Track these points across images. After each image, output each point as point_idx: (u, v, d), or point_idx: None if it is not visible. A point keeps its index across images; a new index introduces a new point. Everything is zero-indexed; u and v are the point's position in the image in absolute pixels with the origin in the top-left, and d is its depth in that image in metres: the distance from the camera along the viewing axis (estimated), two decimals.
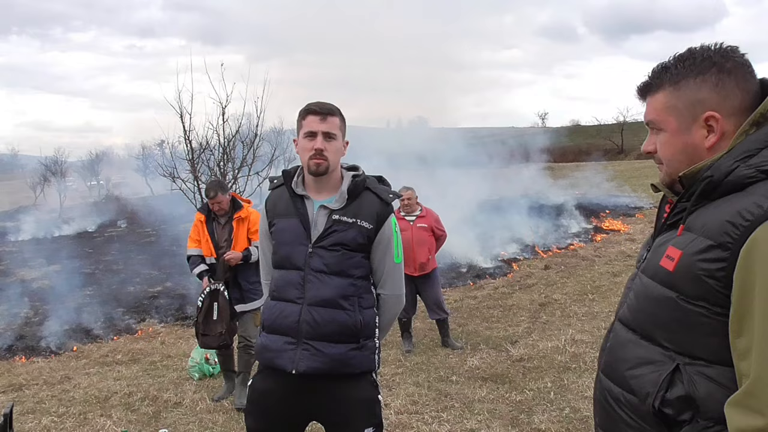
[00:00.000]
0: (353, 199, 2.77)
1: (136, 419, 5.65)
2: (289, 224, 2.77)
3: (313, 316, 2.67)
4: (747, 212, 1.42)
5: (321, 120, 2.71)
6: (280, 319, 2.73)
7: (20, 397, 6.60)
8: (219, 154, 11.68)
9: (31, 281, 15.14)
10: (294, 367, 2.66)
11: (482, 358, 6.87)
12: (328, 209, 2.74)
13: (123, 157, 69.66)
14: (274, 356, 2.73)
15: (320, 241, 2.71)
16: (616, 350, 1.73)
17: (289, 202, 2.80)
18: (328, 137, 2.71)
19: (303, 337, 2.68)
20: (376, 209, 2.78)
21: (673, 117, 1.61)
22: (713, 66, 1.56)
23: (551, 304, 9.36)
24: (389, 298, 2.91)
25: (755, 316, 1.36)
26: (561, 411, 5.19)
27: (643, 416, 1.59)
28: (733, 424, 1.38)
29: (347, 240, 2.71)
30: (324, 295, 2.68)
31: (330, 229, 2.72)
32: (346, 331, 2.70)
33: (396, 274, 2.89)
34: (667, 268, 1.57)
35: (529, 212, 16.76)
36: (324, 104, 2.76)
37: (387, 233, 2.80)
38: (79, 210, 34.51)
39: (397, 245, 2.85)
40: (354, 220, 2.73)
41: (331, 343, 2.68)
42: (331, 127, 2.72)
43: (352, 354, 2.72)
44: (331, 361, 2.67)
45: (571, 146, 54.48)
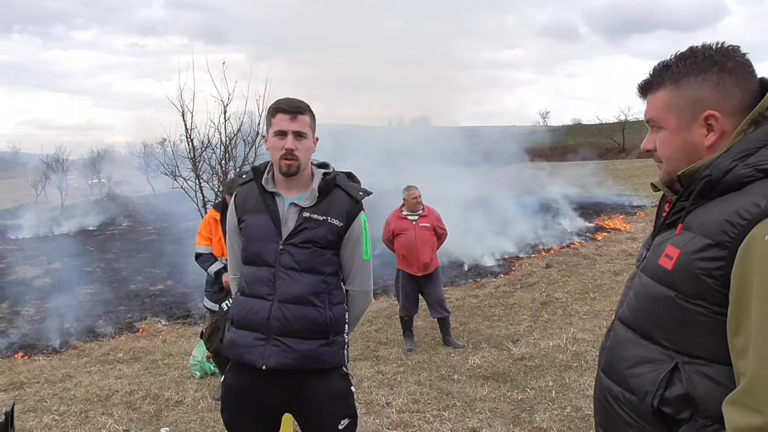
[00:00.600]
0: (323, 197, 2.78)
1: (137, 418, 5.65)
2: (260, 221, 2.78)
3: (284, 313, 2.69)
4: (745, 211, 1.43)
5: (291, 119, 2.71)
6: (250, 315, 2.74)
7: (21, 395, 6.61)
8: (221, 152, 11.69)
9: (32, 279, 15.17)
10: (264, 362, 2.68)
11: (484, 356, 6.87)
12: (299, 207, 2.75)
13: (124, 155, 69.76)
14: (243, 352, 2.74)
15: (291, 238, 2.72)
16: (615, 349, 1.74)
17: (259, 199, 2.81)
18: (299, 136, 2.71)
19: (273, 333, 2.69)
20: (346, 207, 2.80)
21: (674, 115, 1.62)
22: (714, 65, 1.56)
23: (552, 302, 9.35)
24: (358, 295, 2.93)
25: (752, 314, 1.36)
26: (562, 410, 5.19)
27: (642, 415, 1.60)
28: (731, 423, 1.38)
29: (318, 237, 2.73)
30: (295, 292, 2.70)
31: (301, 226, 2.73)
32: (316, 328, 2.72)
33: (364, 271, 2.91)
34: (665, 267, 1.58)
35: (530, 211, 16.74)
36: (293, 102, 2.76)
37: (356, 230, 2.82)
38: (81, 208, 34.57)
39: (366, 242, 2.88)
40: (324, 218, 2.74)
41: (301, 340, 2.70)
42: (301, 125, 2.72)
43: (322, 350, 2.73)
44: (301, 357, 2.69)
45: (573, 145, 54.42)
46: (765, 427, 1.31)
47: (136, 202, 36.01)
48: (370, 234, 2.91)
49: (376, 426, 5.06)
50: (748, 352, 1.37)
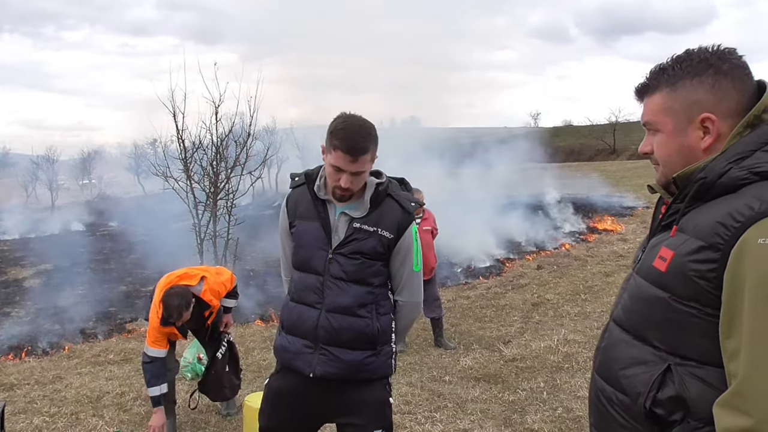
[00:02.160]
0: (375, 207, 2.74)
1: (128, 419, 5.63)
2: (311, 227, 2.76)
3: (331, 323, 2.70)
4: (738, 214, 1.43)
5: (351, 161, 2.58)
6: (299, 323, 2.77)
7: (11, 396, 6.56)
8: (212, 153, 11.67)
9: (22, 280, 15.08)
10: (311, 370, 2.71)
11: (475, 358, 6.88)
12: (350, 216, 2.73)
13: (115, 155, 69.53)
14: (292, 358, 2.78)
15: (340, 248, 2.71)
16: (609, 350, 1.75)
17: (310, 205, 2.78)
18: (356, 174, 2.63)
19: (320, 342, 2.71)
20: (398, 218, 2.76)
21: (670, 118, 1.62)
22: (710, 68, 1.57)
23: (544, 304, 9.37)
24: (407, 305, 2.91)
25: (744, 317, 1.37)
26: (554, 411, 5.21)
27: (634, 416, 1.60)
28: (721, 424, 1.39)
29: (367, 249, 2.71)
30: (342, 303, 2.70)
31: (351, 237, 2.71)
32: (362, 338, 2.72)
33: (415, 282, 2.88)
34: (659, 269, 1.58)
35: (521, 212, 16.76)
36: (356, 142, 2.58)
37: (407, 242, 2.79)
38: (71, 209, 34.37)
39: (417, 253, 2.85)
40: (375, 229, 2.72)
41: (348, 350, 2.71)
42: (361, 166, 2.62)
43: (369, 360, 2.75)
44: (347, 367, 2.71)
45: (563, 146, 54.57)
46: (754, 429, 1.32)
47: (127, 203, 35.86)
48: (420, 245, 2.88)
49: None
50: (739, 354, 1.38)
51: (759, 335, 1.35)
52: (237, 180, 11.97)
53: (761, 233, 1.39)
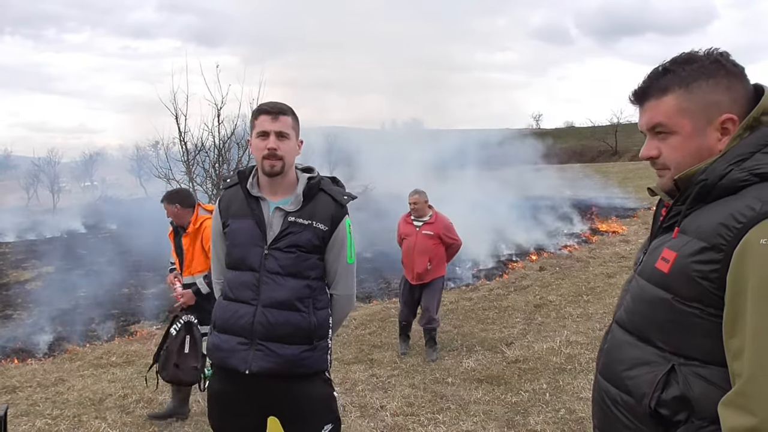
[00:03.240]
0: (308, 201, 2.79)
1: (131, 422, 5.63)
2: (244, 225, 2.78)
3: (267, 318, 2.70)
4: (740, 215, 1.44)
5: (273, 119, 2.72)
6: (234, 320, 2.74)
7: (14, 399, 6.57)
8: (214, 155, 11.70)
9: (24, 283, 15.11)
10: (247, 367, 2.69)
11: (477, 359, 6.88)
12: (284, 211, 2.76)
13: (117, 158, 69.65)
14: (226, 356, 2.75)
15: (276, 243, 2.73)
16: (613, 352, 1.75)
17: (243, 203, 2.81)
18: (281, 136, 2.73)
19: (257, 337, 2.70)
20: (331, 211, 2.81)
21: (688, 120, 1.60)
22: (722, 69, 1.57)
23: (546, 305, 9.37)
24: (341, 298, 2.95)
25: (748, 317, 1.38)
26: (556, 412, 5.20)
27: (639, 417, 1.61)
28: (726, 424, 1.39)
29: (302, 242, 2.74)
30: (279, 297, 2.71)
31: (286, 230, 2.74)
32: (300, 333, 2.73)
33: (349, 275, 2.93)
34: (662, 270, 1.59)
35: (523, 213, 16.78)
36: (276, 104, 2.79)
37: (341, 235, 2.84)
38: (73, 211, 34.43)
39: (351, 246, 2.89)
40: (309, 222, 2.75)
41: (285, 344, 2.71)
42: (283, 126, 2.74)
43: (306, 355, 2.74)
44: (284, 362, 2.70)
45: (565, 148, 54.57)
46: (759, 428, 1.33)
47: (129, 205, 35.89)
48: (354, 238, 2.93)
49: (371, 429, 5.06)
50: (743, 353, 1.38)
51: (762, 335, 1.36)
52: None
53: (763, 234, 1.39)
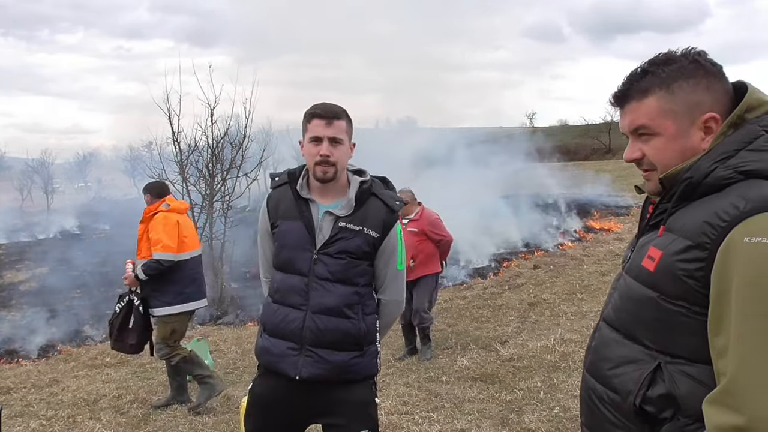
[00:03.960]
0: (360, 206, 2.72)
1: (125, 422, 5.63)
2: (293, 227, 2.71)
3: (317, 324, 2.65)
4: (724, 213, 1.45)
5: (326, 124, 2.64)
6: (284, 324, 2.70)
7: (8, 400, 6.56)
8: (207, 155, 11.68)
9: (18, 284, 15.08)
10: (297, 373, 2.65)
11: (472, 358, 6.89)
12: (334, 215, 2.69)
13: (111, 158, 69.47)
14: (276, 360, 2.71)
15: (325, 248, 2.66)
16: (600, 349, 1.75)
17: (293, 204, 2.74)
18: (334, 142, 2.64)
19: (306, 343, 2.65)
20: (383, 217, 2.74)
21: (671, 121, 1.60)
22: (701, 68, 1.58)
23: (540, 303, 9.39)
24: (390, 304, 2.88)
25: (732, 315, 1.38)
26: (551, 410, 5.21)
27: (625, 414, 1.61)
28: (711, 422, 1.39)
29: (353, 248, 2.67)
30: (328, 303, 2.65)
31: (336, 236, 2.67)
32: (349, 339, 2.68)
33: (398, 281, 2.86)
34: (648, 269, 1.60)
35: (517, 212, 16.80)
36: (330, 107, 2.69)
37: (392, 241, 2.77)
38: (67, 212, 34.34)
39: (401, 252, 2.83)
40: (360, 228, 2.68)
41: (335, 351, 2.66)
42: (337, 131, 2.65)
43: (355, 361, 2.71)
44: (334, 368, 2.66)
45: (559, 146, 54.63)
46: (745, 426, 1.33)
47: (123, 206, 35.81)
48: (404, 244, 2.87)
49: None
50: (728, 352, 1.39)
51: (746, 333, 1.36)
52: (233, 182, 11.98)
53: (747, 232, 1.40)
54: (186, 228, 5.80)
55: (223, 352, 8.25)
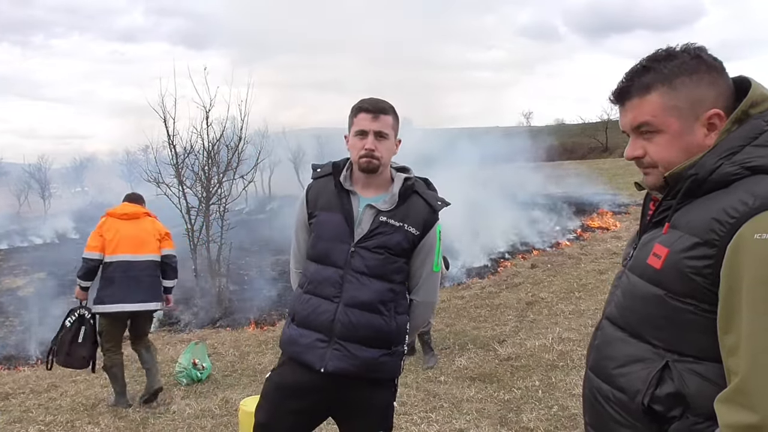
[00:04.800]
0: (402, 202, 2.71)
1: (124, 426, 5.62)
2: (332, 218, 2.70)
3: (350, 318, 2.63)
4: (732, 209, 1.43)
5: (373, 118, 2.65)
6: (314, 315, 2.67)
7: (6, 406, 6.55)
8: (203, 158, 11.67)
9: (16, 290, 15.04)
10: (323, 365, 2.61)
11: (470, 357, 6.89)
12: (376, 209, 2.69)
13: (107, 163, 69.30)
14: (302, 351, 2.68)
15: (364, 242, 2.65)
16: (604, 348, 1.74)
17: (334, 195, 2.73)
18: (380, 136, 2.65)
19: (336, 336, 2.63)
20: (424, 215, 2.72)
21: (675, 118, 1.58)
22: (703, 64, 1.57)
23: (538, 302, 9.39)
24: (421, 305, 2.86)
25: (743, 312, 1.37)
26: (549, 409, 5.21)
27: (632, 413, 1.60)
28: (724, 421, 1.38)
29: (392, 244, 2.66)
30: (362, 298, 2.63)
31: (376, 230, 2.66)
32: (380, 336, 2.66)
33: (432, 282, 2.84)
34: (654, 266, 1.58)
35: (514, 211, 16.78)
36: (377, 102, 2.70)
37: (431, 241, 2.75)
38: (64, 217, 34.24)
39: (438, 253, 2.81)
40: (401, 224, 2.67)
41: (365, 347, 2.64)
42: (383, 126, 2.66)
43: (384, 360, 2.69)
44: (362, 364, 2.63)
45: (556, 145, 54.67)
46: (759, 425, 1.32)
47: None
48: (441, 246, 2.85)
49: None
50: (739, 350, 1.38)
51: (758, 331, 1.35)
52: (229, 184, 11.96)
53: (757, 228, 1.38)
54: (110, 231, 6.17)
55: (222, 355, 8.24)
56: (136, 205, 6.45)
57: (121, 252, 6.08)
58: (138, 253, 6.14)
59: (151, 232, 6.27)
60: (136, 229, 6.23)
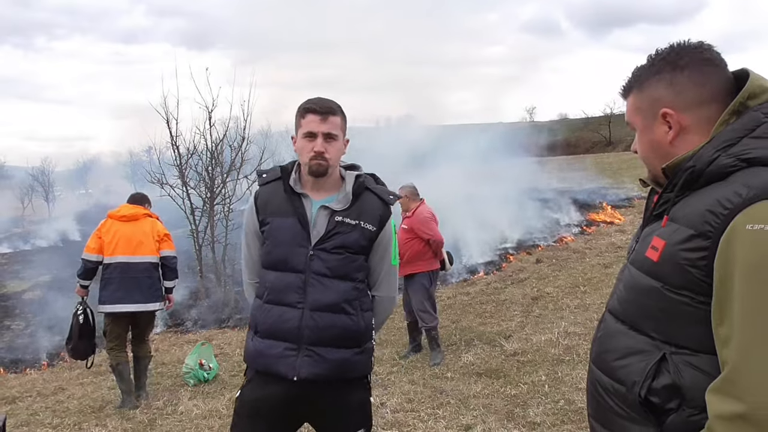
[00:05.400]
0: (355, 200, 2.67)
1: (131, 428, 5.63)
2: (286, 223, 2.64)
3: (316, 322, 2.58)
4: (726, 201, 1.44)
5: (321, 120, 2.59)
6: (279, 324, 2.61)
7: (14, 409, 6.57)
8: (207, 158, 11.69)
9: (21, 293, 15.09)
10: (295, 373, 2.56)
11: (476, 353, 6.89)
12: (330, 210, 2.64)
13: (111, 164, 69.52)
14: (272, 362, 2.61)
15: (322, 243, 2.60)
16: (605, 341, 1.75)
17: (284, 200, 2.67)
18: (329, 138, 2.60)
19: (305, 343, 2.57)
20: (378, 211, 2.70)
21: (640, 117, 1.69)
22: (667, 65, 1.62)
23: (543, 297, 9.39)
24: (384, 300, 2.84)
25: (735, 303, 1.37)
26: (556, 403, 5.21)
27: (631, 405, 1.60)
28: (713, 410, 1.39)
29: (350, 242, 2.62)
30: (327, 300, 2.59)
31: (333, 231, 2.61)
32: (350, 336, 2.63)
33: (392, 277, 2.82)
34: (652, 259, 1.59)
35: (519, 206, 16.77)
36: (325, 102, 2.64)
37: (387, 235, 2.73)
38: (68, 219, 34.35)
39: (395, 247, 2.80)
40: (357, 222, 2.64)
41: (335, 349, 2.59)
42: (332, 127, 2.61)
43: (356, 359, 2.66)
44: (335, 366, 2.60)
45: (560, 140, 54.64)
46: (746, 414, 1.32)
47: None
48: (397, 239, 2.83)
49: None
50: (731, 341, 1.38)
51: (749, 321, 1.35)
52: (233, 184, 11.98)
53: (750, 219, 1.39)
54: (109, 233, 6.29)
55: (228, 355, 8.25)
56: (136, 207, 6.52)
57: (119, 253, 6.19)
58: (135, 255, 6.23)
59: (150, 234, 6.35)
60: (134, 230, 6.31)
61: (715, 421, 1.39)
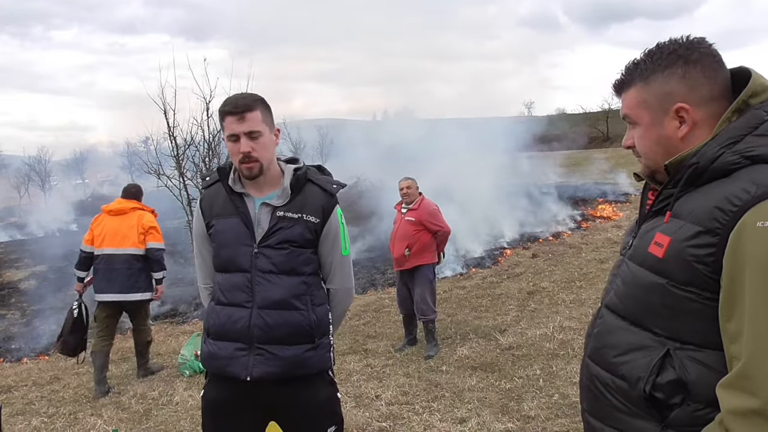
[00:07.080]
0: (296, 194, 2.65)
1: (126, 417, 5.64)
2: (230, 224, 2.63)
3: (265, 320, 2.56)
4: (735, 197, 1.44)
5: (239, 120, 2.53)
6: (229, 325, 2.61)
7: (9, 398, 6.57)
8: (204, 149, 11.66)
9: (17, 282, 15.07)
10: (248, 374, 2.56)
11: (471, 347, 6.90)
12: (271, 206, 2.62)
13: (107, 155, 69.37)
14: (224, 364, 2.61)
15: (266, 240, 2.59)
16: (603, 336, 1.75)
17: (227, 201, 2.66)
18: (252, 136, 2.54)
19: (255, 342, 2.57)
20: (321, 202, 2.67)
21: (646, 111, 1.66)
22: (679, 59, 1.60)
23: (539, 292, 9.40)
24: (339, 292, 2.82)
25: (745, 299, 1.38)
26: (550, 397, 5.23)
27: (634, 401, 1.61)
28: (726, 406, 1.39)
29: (294, 236, 2.60)
30: (275, 297, 2.57)
31: (275, 227, 2.60)
32: (300, 332, 2.60)
33: (345, 267, 2.80)
34: (656, 255, 1.59)
35: (516, 201, 16.79)
36: (239, 100, 2.57)
37: (334, 226, 2.71)
38: (65, 209, 34.28)
39: (345, 237, 2.76)
40: (300, 215, 2.62)
41: (286, 346, 2.58)
42: (252, 124, 2.54)
43: (308, 355, 2.62)
44: (286, 364, 2.57)
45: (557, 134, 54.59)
46: (761, 409, 1.33)
47: None
48: (347, 228, 2.80)
49: (366, 419, 5.07)
50: (741, 336, 1.38)
51: (761, 317, 1.36)
52: None
53: (759, 216, 1.39)
54: (99, 226, 6.73)
55: None
56: (125, 201, 6.84)
57: (106, 246, 6.57)
58: (119, 247, 6.57)
59: (135, 227, 6.65)
60: (120, 224, 6.65)
61: (728, 416, 1.39)
